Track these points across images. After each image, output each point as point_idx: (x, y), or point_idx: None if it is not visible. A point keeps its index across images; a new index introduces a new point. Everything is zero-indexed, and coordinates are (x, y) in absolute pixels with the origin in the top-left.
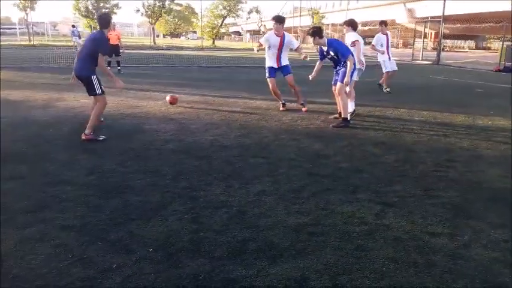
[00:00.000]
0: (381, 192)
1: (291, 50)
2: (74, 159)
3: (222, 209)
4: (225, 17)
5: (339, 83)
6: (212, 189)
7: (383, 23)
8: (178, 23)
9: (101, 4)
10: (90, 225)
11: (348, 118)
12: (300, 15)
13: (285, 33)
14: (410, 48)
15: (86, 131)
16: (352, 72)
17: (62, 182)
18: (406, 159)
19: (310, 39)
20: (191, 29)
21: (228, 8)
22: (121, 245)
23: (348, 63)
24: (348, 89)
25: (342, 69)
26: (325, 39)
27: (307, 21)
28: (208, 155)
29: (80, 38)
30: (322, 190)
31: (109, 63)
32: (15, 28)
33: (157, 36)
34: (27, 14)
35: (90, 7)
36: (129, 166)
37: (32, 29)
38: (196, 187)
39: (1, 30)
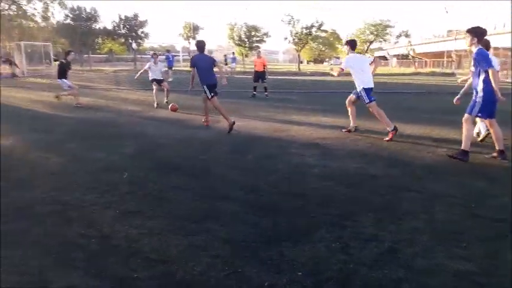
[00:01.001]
0: None
1: None
2: (229, 176)
3: (372, 243)
4: (372, 42)
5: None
6: (361, 220)
7: None
8: (323, 49)
9: (252, 33)
10: (245, 241)
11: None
12: (456, 39)
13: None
14: None
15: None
16: None
17: (223, 197)
18: None
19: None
20: (335, 55)
21: (376, 32)
22: (272, 264)
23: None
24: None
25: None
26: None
27: (462, 45)
28: (354, 183)
29: (235, 63)
30: (490, 235)
31: (255, 89)
32: (179, 55)
33: (301, 62)
34: (189, 43)
35: (243, 36)
36: (278, 187)
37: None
38: (343, 216)
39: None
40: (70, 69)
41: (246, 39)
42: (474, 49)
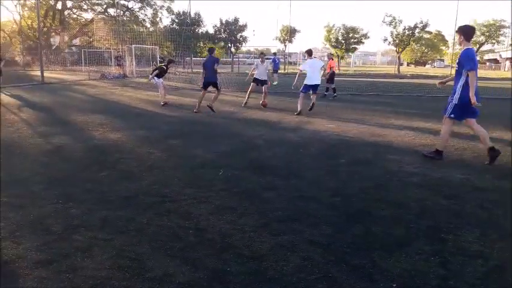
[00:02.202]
0: None
1: None
2: (319, 179)
3: (476, 260)
4: (482, 43)
5: None
6: (464, 235)
7: None
8: (425, 50)
9: (350, 34)
10: (334, 245)
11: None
12: None
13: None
14: None
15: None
16: None
17: (310, 198)
18: None
19: None
20: (438, 57)
21: (488, 34)
22: (364, 272)
23: None
24: None
25: None
26: None
27: None
28: (458, 195)
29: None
30: None
31: (327, 89)
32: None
33: (401, 64)
34: (285, 46)
35: (340, 38)
36: (371, 194)
37: (287, 58)
38: (444, 228)
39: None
40: (165, 73)
41: (343, 41)
42: (462, 48)
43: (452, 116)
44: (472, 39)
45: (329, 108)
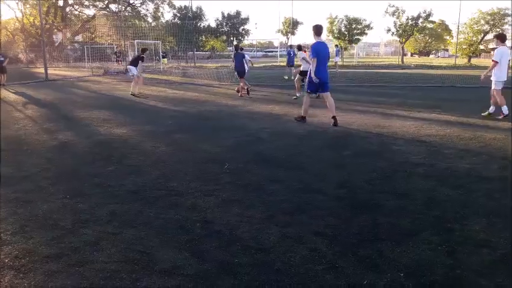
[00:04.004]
0: None
1: None
2: (324, 171)
3: (482, 249)
4: (487, 32)
5: None
6: (470, 224)
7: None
8: (429, 40)
9: (353, 26)
10: (341, 236)
11: None
12: None
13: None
14: None
15: None
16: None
17: (314, 190)
18: None
19: None
20: (442, 47)
21: (492, 22)
22: (371, 263)
23: None
24: None
25: None
26: None
27: None
28: (464, 185)
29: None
30: None
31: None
32: (276, 51)
33: (405, 54)
34: (288, 39)
35: (343, 29)
36: (377, 185)
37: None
38: (450, 218)
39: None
40: (142, 61)
41: (346, 32)
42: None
43: (308, 90)
44: (476, 28)
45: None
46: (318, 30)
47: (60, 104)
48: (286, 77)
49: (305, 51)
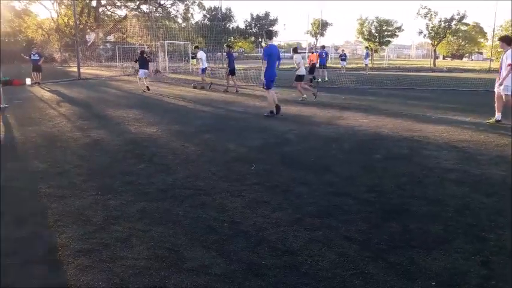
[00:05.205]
0: None
1: None
2: (353, 174)
3: None
4: None
5: None
6: (506, 234)
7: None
8: (462, 43)
9: (384, 27)
10: (370, 241)
11: None
12: None
13: None
14: None
15: None
16: None
17: (344, 194)
18: None
19: None
20: (476, 50)
21: None
22: (402, 270)
23: None
24: None
25: None
26: None
27: None
28: (499, 192)
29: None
30: None
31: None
32: (305, 53)
33: (437, 57)
34: (316, 40)
35: (373, 31)
36: (408, 190)
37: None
38: (485, 227)
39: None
40: (151, 61)
41: (377, 34)
42: None
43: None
44: None
45: (363, 102)
46: (269, 34)
47: (92, 103)
48: (320, 79)
49: (312, 53)
